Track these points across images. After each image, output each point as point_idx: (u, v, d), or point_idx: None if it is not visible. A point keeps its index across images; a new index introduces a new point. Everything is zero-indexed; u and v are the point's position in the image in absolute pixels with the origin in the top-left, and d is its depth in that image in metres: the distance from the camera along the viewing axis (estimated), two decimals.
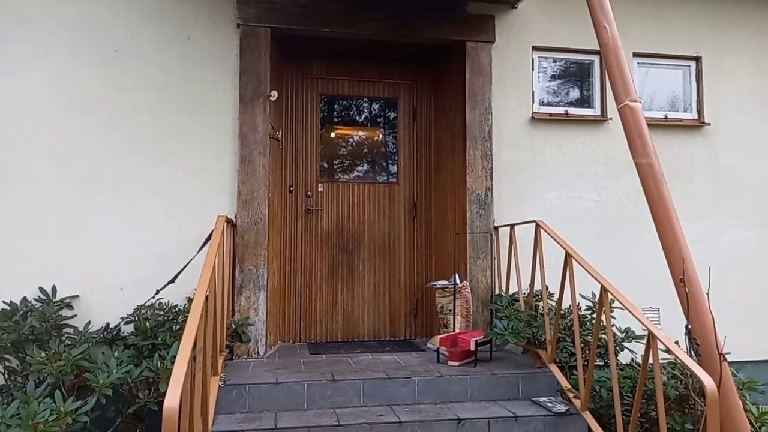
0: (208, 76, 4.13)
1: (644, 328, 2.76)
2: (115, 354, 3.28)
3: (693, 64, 4.97)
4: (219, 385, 3.16)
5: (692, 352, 2.77)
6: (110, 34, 4.01)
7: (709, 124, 4.88)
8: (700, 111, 4.93)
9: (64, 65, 3.93)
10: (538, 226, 3.80)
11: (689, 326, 2.79)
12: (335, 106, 5.07)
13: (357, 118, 5.13)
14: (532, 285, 3.85)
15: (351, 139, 5.08)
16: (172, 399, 1.89)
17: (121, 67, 4.02)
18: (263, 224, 4.06)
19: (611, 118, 4.70)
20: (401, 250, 4.95)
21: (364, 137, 5.10)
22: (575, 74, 4.84)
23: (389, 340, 4.80)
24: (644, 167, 3.16)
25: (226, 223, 3.77)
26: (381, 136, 5.13)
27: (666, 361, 3.14)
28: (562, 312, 3.98)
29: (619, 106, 3.19)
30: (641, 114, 3.17)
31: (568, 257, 3.36)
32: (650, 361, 2.67)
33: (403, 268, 4.94)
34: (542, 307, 3.73)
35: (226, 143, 4.11)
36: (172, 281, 3.66)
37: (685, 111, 5.00)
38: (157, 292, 3.65)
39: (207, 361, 2.74)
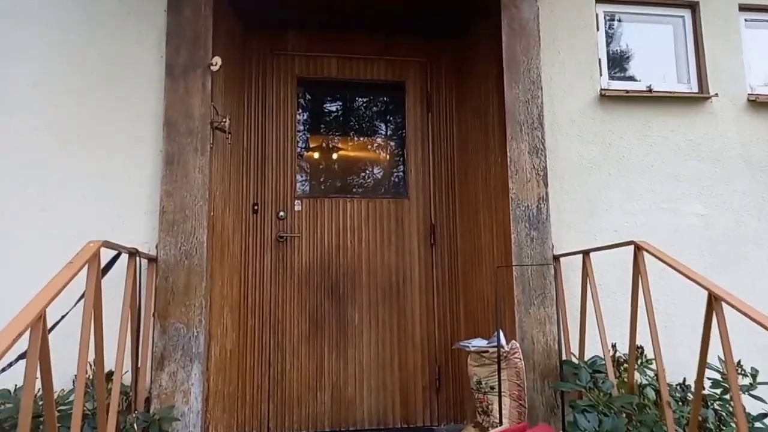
0: (122, 39, 2.80)
1: None
2: None
3: None
4: None
5: None
6: None
7: None
8: None
9: None
10: (638, 248, 2.30)
11: None
12: (319, 94, 3.69)
13: (349, 110, 3.74)
14: (632, 348, 2.32)
15: (341, 140, 3.68)
16: None
17: None
18: (200, 258, 2.63)
19: (716, 95, 3.24)
20: (415, 294, 3.46)
21: (359, 136, 3.69)
22: (659, 36, 3.41)
23: (401, 429, 3.25)
24: None
25: (130, 257, 2.35)
26: (383, 134, 3.72)
27: None
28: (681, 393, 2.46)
29: None
30: None
31: (714, 301, 1.83)
32: None
33: (418, 319, 3.44)
34: (652, 384, 2.20)
35: (145, 137, 2.73)
36: (10, 365, 2.18)
37: None
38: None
39: None
